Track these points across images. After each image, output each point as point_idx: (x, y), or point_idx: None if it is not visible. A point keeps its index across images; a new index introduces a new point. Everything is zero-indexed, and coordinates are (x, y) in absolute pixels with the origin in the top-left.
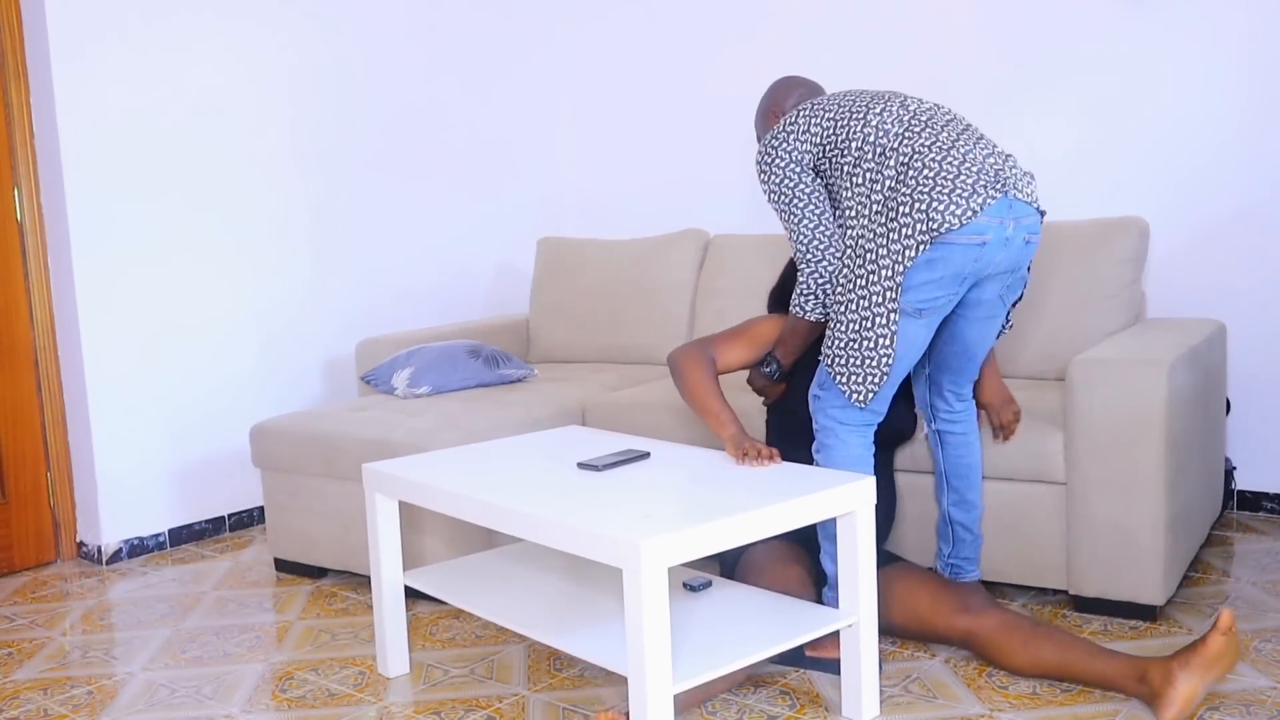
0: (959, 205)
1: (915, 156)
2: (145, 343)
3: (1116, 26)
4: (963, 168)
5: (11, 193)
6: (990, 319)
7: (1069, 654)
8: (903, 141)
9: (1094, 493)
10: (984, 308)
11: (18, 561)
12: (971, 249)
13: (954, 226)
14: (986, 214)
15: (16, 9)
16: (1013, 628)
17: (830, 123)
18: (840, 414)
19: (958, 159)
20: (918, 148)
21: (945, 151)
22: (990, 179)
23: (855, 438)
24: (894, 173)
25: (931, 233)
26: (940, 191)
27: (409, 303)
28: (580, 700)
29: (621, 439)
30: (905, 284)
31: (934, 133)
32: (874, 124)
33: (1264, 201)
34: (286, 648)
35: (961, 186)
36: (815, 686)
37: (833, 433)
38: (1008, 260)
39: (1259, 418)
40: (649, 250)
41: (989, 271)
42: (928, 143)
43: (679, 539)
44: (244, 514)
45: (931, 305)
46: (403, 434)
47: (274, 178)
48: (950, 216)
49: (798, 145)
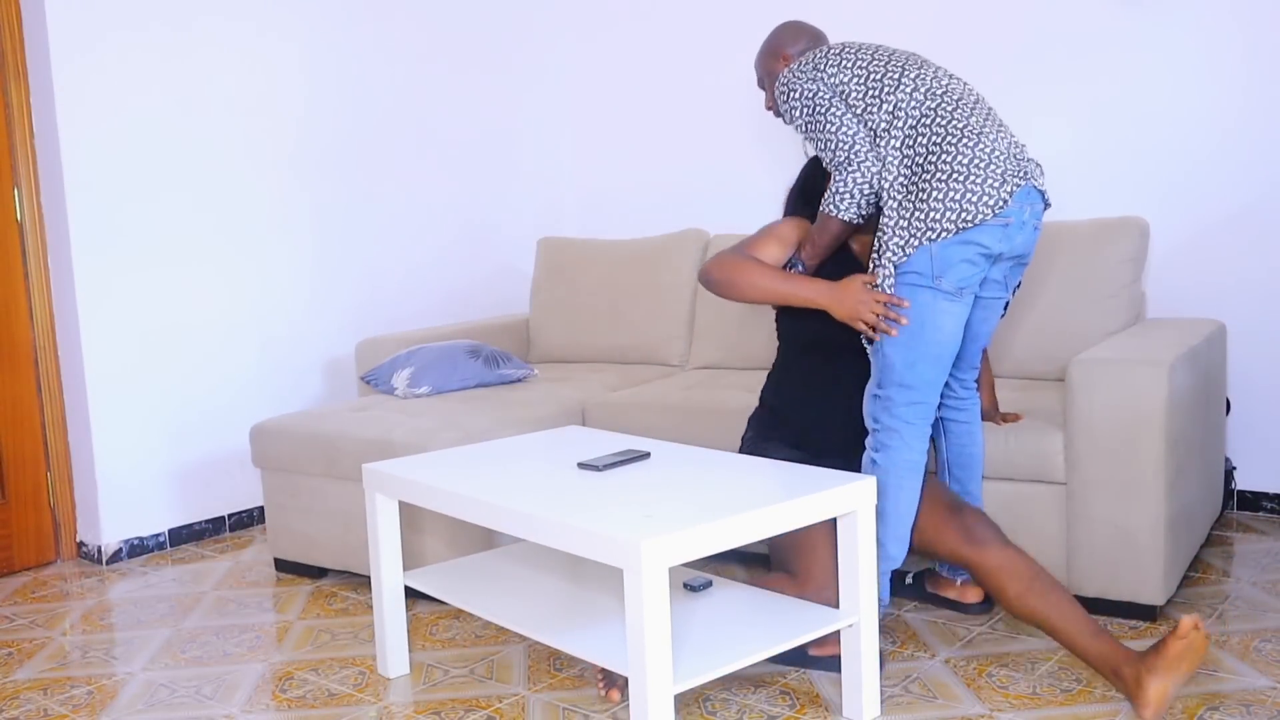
0: (991, 195)
1: (949, 140)
2: (145, 343)
3: (1116, 26)
4: (993, 156)
5: (11, 193)
6: (995, 301)
7: (1057, 619)
8: (935, 119)
9: (1094, 493)
10: (991, 288)
11: (18, 561)
12: (998, 229)
13: (987, 218)
14: (1015, 200)
15: (16, 9)
16: (1010, 574)
17: (864, 73)
18: (905, 413)
19: (988, 149)
20: (951, 130)
21: (976, 138)
22: (1015, 168)
23: (918, 442)
24: (925, 151)
25: (963, 223)
26: (974, 181)
27: (409, 303)
28: (580, 700)
29: (621, 439)
30: (941, 267)
31: (965, 115)
32: (908, 90)
33: (1264, 201)
34: (286, 648)
35: (993, 176)
36: (815, 686)
37: (898, 434)
38: (1024, 243)
39: (1259, 418)
40: (649, 250)
41: (1009, 251)
42: (960, 125)
43: (679, 539)
44: (244, 514)
45: (968, 283)
46: (403, 434)
47: (274, 177)
48: (984, 208)
49: (832, 78)
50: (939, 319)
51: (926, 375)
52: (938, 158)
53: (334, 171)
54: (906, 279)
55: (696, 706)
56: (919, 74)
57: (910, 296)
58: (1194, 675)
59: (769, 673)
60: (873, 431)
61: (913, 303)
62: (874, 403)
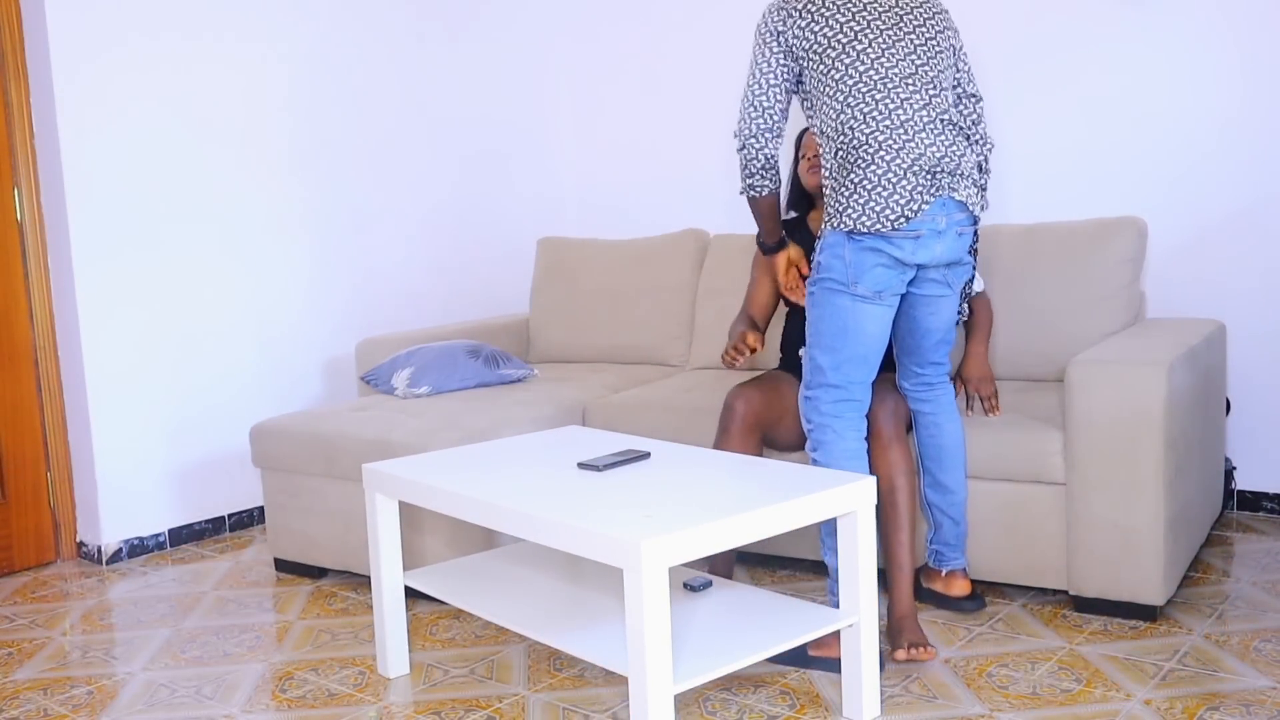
0: (894, 210)
1: (869, 143)
2: (145, 343)
3: (1114, 26)
4: (908, 170)
5: (11, 193)
6: (938, 299)
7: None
8: (870, 108)
9: (1094, 493)
10: (929, 286)
11: (18, 561)
12: (907, 241)
13: (888, 231)
14: (926, 214)
15: (16, 9)
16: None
17: (819, 24)
18: (833, 409)
19: (905, 161)
20: (877, 132)
21: (895, 151)
22: (928, 183)
23: (851, 431)
24: (850, 144)
25: (874, 228)
26: (880, 193)
27: (409, 303)
28: (580, 700)
29: (621, 439)
30: (856, 274)
31: (898, 114)
32: (855, 55)
33: (1263, 201)
34: (286, 648)
35: (901, 191)
36: (815, 686)
37: (828, 428)
38: (946, 251)
39: (1259, 418)
40: (649, 250)
41: (930, 260)
42: (887, 126)
43: (679, 539)
44: (244, 514)
45: (886, 287)
46: (403, 434)
47: (275, 177)
48: (885, 220)
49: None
50: (861, 322)
51: (854, 375)
52: (857, 157)
53: (334, 171)
54: (825, 284)
55: (696, 706)
56: (871, 43)
57: (829, 302)
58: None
59: (769, 673)
60: (808, 431)
61: (833, 308)
62: (806, 404)
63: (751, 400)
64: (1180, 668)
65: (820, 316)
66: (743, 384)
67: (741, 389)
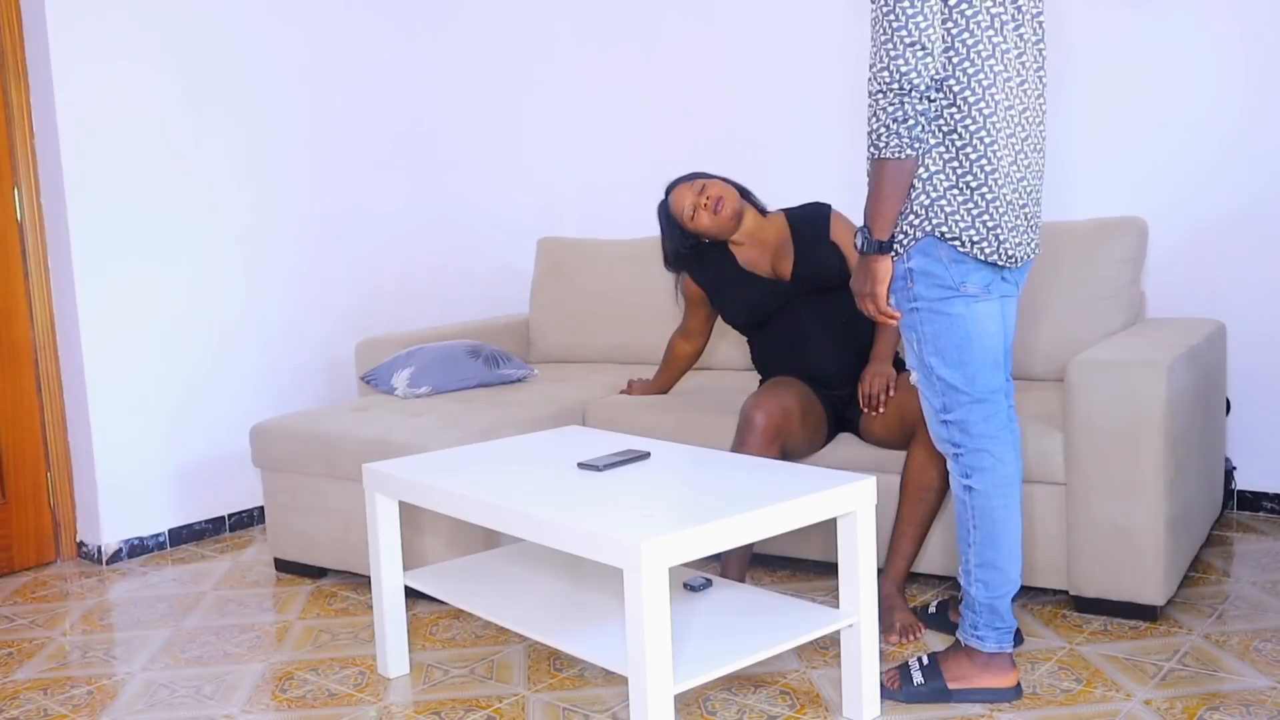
0: (1006, 252)
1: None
2: (145, 342)
3: (1114, 26)
4: (1024, 211)
5: (11, 193)
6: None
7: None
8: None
9: (1094, 493)
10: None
11: (18, 561)
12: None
13: (1001, 263)
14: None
15: (16, 9)
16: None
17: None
18: (986, 428)
19: (1011, 193)
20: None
21: (1015, 185)
22: (1027, 237)
23: (1010, 453)
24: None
25: (992, 255)
26: (995, 225)
27: (409, 303)
28: (580, 700)
29: (621, 439)
30: (960, 274)
31: (1021, 143)
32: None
33: (1264, 201)
34: (286, 648)
35: (1014, 230)
36: (815, 686)
37: (985, 453)
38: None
39: (1259, 418)
40: (649, 250)
41: None
42: (1014, 151)
43: (679, 539)
44: (244, 514)
45: (991, 279)
46: (403, 434)
47: (275, 177)
48: (1003, 254)
49: None
50: (982, 324)
51: (990, 383)
52: (974, 164)
53: (335, 171)
54: (930, 296)
55: (696, 706)
56: (1007, 53)
57: (941, 312)
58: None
59: (769, 673)
60: (955, 458)
61: (948, 320)
62: (948, 429)
63: (771, 412)
64: (1180, 668)
65: (936, 333)
66: (757, 394)
67: (758, 400)
